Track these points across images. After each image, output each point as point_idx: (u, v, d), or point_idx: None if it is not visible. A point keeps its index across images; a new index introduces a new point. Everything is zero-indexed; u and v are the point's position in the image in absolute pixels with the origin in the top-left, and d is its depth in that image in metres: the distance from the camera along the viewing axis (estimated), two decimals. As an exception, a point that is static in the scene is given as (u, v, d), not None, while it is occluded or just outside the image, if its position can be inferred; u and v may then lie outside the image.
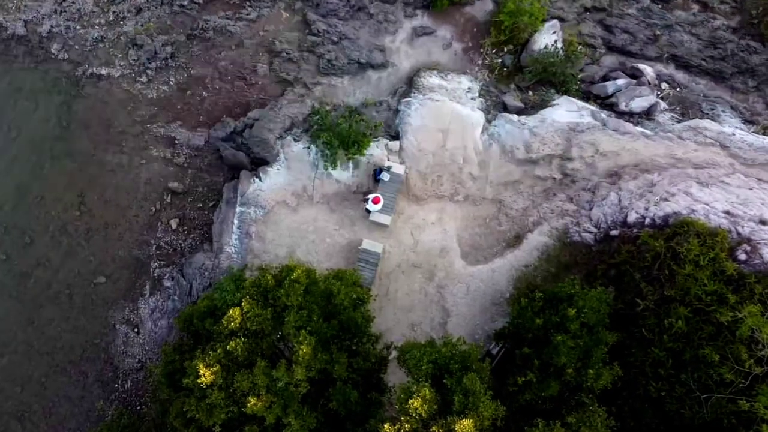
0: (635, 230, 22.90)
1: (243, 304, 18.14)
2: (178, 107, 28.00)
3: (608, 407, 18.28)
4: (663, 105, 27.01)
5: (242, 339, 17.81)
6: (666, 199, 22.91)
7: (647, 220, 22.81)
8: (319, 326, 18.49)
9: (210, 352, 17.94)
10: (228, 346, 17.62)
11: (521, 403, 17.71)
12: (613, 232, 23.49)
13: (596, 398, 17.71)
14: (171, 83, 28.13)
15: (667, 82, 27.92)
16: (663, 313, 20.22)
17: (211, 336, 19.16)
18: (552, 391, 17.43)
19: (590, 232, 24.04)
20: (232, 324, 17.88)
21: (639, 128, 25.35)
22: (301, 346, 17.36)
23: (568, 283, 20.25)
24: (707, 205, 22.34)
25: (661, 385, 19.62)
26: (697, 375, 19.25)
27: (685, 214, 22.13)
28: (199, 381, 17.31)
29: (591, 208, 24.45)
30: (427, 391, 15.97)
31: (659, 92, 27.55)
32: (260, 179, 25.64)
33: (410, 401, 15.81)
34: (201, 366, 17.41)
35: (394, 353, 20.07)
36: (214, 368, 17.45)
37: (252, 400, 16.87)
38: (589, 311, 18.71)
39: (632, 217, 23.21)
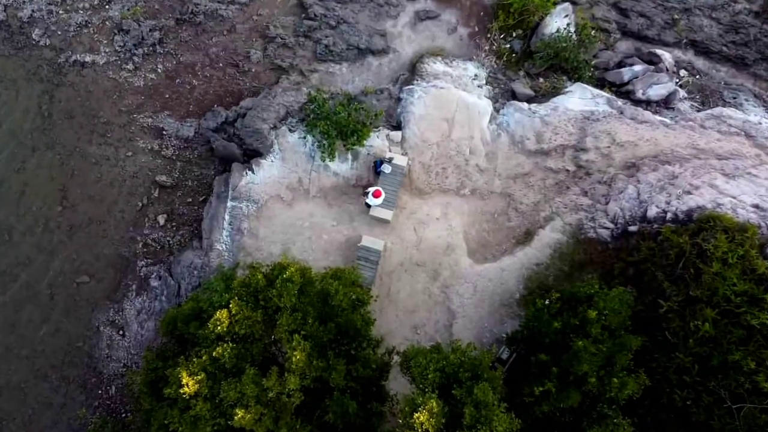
0: (656, 226, 21.48)
1: (231, 305, 16.66)
2: (167, 96, 26.81)
3: (630, 418, 16.94)
4: (682, 93, 25.51)
5: (230, 344, 16.40)
6: (689, 192, 21.41)
7: (669, 215, 21.31)
8: (314, 330, 17.23)
9: (194, 359, 16.49)
10: (214, 352, 16.19)
11: (538, 415, 16.16)
12: (632, 228, 22.06)
13: (620, 409, 16.14)
14: (159, 71, 26.90)
15: (686, 69, 26.48)
16: (688, 315, 19.01)
17: (196, 341, 17.64)
18: (572, 402, 15.96)
19: (606, 228, 22.65)
20: (219, 328, 16.43)
21: (658, 117, 23.86)
22: (295, 352, 16.11)
23: (587, 282, 18.74)
24: (734, 198, 20.87)
25: (686, 393, 18.45)
26: (726, 382, 18.08)
27: (710, 208, 20.75)
28: (181, 391, 15.75)
29: (607, 203, 23.12)
30: (434, 403, 14.47)
31: (678, 80, 26.02)
32: (253, 172, 24.52)
33: (416, 415, 14.37)
34: (184, 374, 15.91)
35: (396, 358, 18.87)
36: (199, 377, 16.02)
37: (240, 413, 15.45)
38: (610, 313, 17.18)
39: (652, 212, 21.73)
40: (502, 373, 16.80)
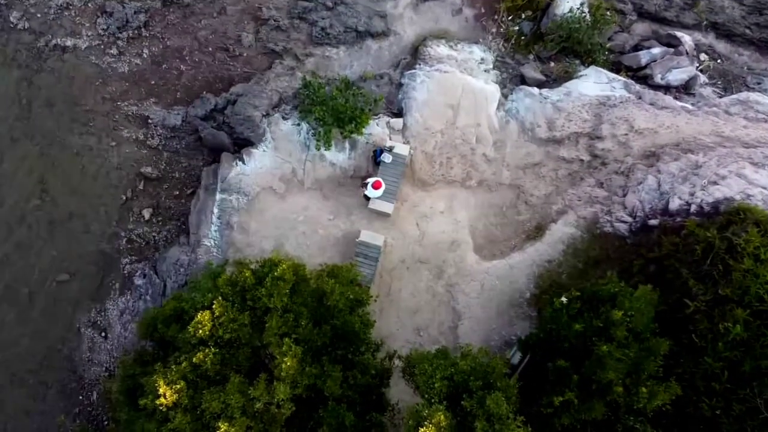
0: (679, 219, 19.96)
1: (214, 306, 15.08)
2: (153, 83, 25.43)
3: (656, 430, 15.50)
4: (703, 78, 23.95)
5: (212, 349, 14.85)
6: (715, 183, 19.88)
7: (693, 207, 19.78)
8: (307, 333, 15.81)
9: (173, 366, 14.90)
10: (194, 358, 14.66)
11: (557, 428, 14.60)
12: (652, 222, 20.56)
13: (648, 421, 14.60)
14: (144, 56, 25.47)
15: (706, 53, 24.99)
16: (717, 316, 17.43)
17: (178, 345, 16.14)
18: (596, 414, 14.40)
19: (624, 222, 21.20)
20: (201, 331, 14.84)
21: (680, 102, 22.40)
22: (285, 358, 14.62)
23: (609, 279, 17.26)
24: (765, 189, 19.34)
25: (716, 402, 16.91)
26: (761, 390, 16.56)
27: (739, 200, 19.25)
28: (158, 402, 14.23)
29: (625, 195, 21.66)
30: (441, 416, 12.97)
31: (698, 64, 24.46)
32: (243, 162, 23.13)
33: (421, 430, 12.82)
34: (161, 383, 14.35)
35: (398, 363, 17.53)
36: (178, 385, 14.48)
37: (223, 426, 13.93)
38: (636, 314, 15.65)
39: (675, 204, 20.21)
40: (517, 381, 15.25)
